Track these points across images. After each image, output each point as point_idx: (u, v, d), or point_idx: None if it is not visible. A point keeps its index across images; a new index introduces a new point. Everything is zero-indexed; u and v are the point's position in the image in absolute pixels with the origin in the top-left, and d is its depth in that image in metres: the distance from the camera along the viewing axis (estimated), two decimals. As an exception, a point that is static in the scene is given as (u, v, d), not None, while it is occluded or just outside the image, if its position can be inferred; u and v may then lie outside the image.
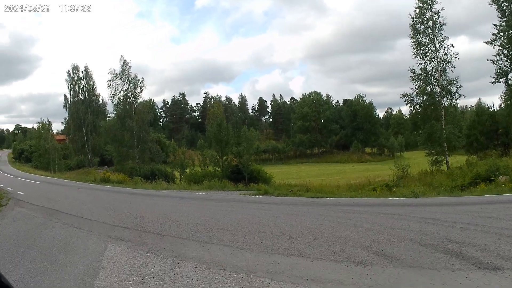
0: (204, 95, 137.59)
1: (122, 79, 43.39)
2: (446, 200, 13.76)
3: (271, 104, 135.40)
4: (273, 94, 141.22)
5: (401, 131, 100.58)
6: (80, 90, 71.72)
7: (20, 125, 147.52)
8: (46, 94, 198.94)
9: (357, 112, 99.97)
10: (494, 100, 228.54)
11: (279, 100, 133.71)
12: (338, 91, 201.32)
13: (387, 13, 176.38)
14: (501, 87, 41.31)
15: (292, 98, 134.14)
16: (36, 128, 71.01)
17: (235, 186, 27.32)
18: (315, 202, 14.06)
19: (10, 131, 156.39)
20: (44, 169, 58.87)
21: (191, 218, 9.86)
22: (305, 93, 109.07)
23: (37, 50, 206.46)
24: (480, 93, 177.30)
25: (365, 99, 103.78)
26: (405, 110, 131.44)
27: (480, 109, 51.40)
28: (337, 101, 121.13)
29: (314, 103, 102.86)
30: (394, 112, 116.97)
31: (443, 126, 29.54)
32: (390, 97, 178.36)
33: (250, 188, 26.47)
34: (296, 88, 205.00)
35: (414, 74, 30.40)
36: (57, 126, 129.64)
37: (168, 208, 12.58)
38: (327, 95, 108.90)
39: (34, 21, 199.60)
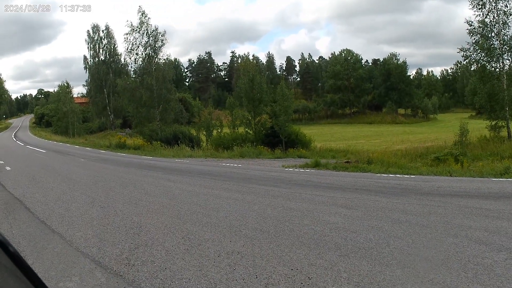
0: (231, 54, 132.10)
1: (141, 32, 38.70)
2: None
3: (299, 63, 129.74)
4: (302, 53, 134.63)
5: (432, 92, 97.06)
6: (101, 50, 68.15)
7: (43, 90, 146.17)
8: (70, 58, 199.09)
9: (391, 71, 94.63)
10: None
11: (307, 59, 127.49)
12: (364, 52, 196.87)
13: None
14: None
15: (320, 57, 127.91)
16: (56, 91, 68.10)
17: (271, 153, 23.21)
18: (410, 189, 9.15)
19: (33, 96, 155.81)
20: (63, 133, 55.91)
21: (232, 238, 5.37)
22: (334, 52, 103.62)
23: (59, 15, 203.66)
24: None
25: (398, 57, 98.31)
26: (437, 71, 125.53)
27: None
28: (366, 60, 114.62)
29: (346, 61, 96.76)
30: (424, 73, 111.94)
31: (505, 87, 25.81)
32: (417, 58, 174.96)
33: (289, 155, 22.68)
34: (322, 48, 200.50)
35: (472, 27, 26.44)
36: (82, 89, 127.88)
37: (186, 200, 8.14)
38: (357, 54, 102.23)
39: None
